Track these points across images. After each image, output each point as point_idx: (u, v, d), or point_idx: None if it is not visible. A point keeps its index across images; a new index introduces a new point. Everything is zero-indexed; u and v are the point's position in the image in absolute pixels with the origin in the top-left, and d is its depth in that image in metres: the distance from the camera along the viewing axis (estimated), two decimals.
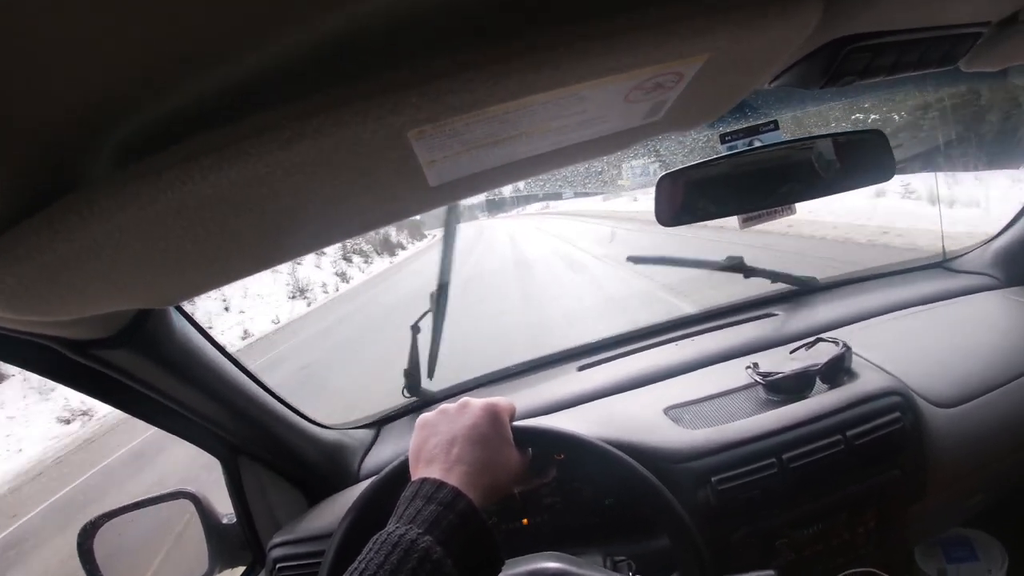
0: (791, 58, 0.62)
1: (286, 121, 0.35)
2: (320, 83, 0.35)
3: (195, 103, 0.35)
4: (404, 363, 1.36)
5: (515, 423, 0.71)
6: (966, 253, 1.48)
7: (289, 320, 17.48)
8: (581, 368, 1.34)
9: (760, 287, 1.50)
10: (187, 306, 0.87)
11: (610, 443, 0.76)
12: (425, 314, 1.36)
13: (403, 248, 41.07)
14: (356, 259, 30.86)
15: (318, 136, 0.35)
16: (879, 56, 0.66)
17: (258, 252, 0.55)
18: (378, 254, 35.08)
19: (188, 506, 1.07)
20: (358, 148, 0.38)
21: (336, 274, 26.49)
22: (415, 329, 1.35)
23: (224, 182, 0.36)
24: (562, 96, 0.41)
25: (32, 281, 0.39)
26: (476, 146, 0.44)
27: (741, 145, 0.88)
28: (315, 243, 0.58)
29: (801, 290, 1.50)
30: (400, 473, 0.74)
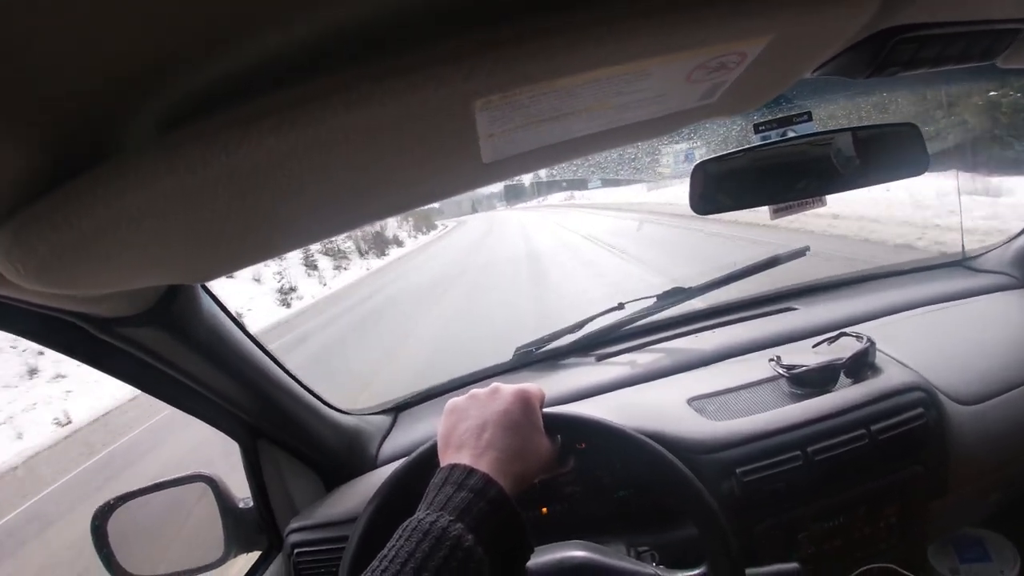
0: (839, 46, 0.62)
1: (357, 83, 0.34)
2: (391, 47, 0.35)
3: (254, 66, 0.34)
4: None
5: (546, 410, 0.70)
6: (986, 252, 1.47)
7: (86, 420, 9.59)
8: (600, 359, 1.33)
9: (776, 282, 1.50)
10: None
11: (635, 432, 0.75)
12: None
13: (400, 245, 34.63)
14: (325, 263, 22.58)
15: (385, 100, 0.34)
16: (924, 48, 0.66)
17: (303, 226, 0.54)
18: (361, 255, 27.53)
19: (204, 489, 1.06)
20: (422, 116, 0.38)
21: (280, 292, 17.06)
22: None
23: (282, 147, 0.35)
24: (631, 71, 0.40)
25: (66, 251, 0.38)
26: (536, 120, 0.44)
27: (775, 135, 0.88)
28: (361, 219, 0.58)
29: (820, 285, 1.50)
30: (428, 458, 0.73)
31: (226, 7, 0.29)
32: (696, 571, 0.69)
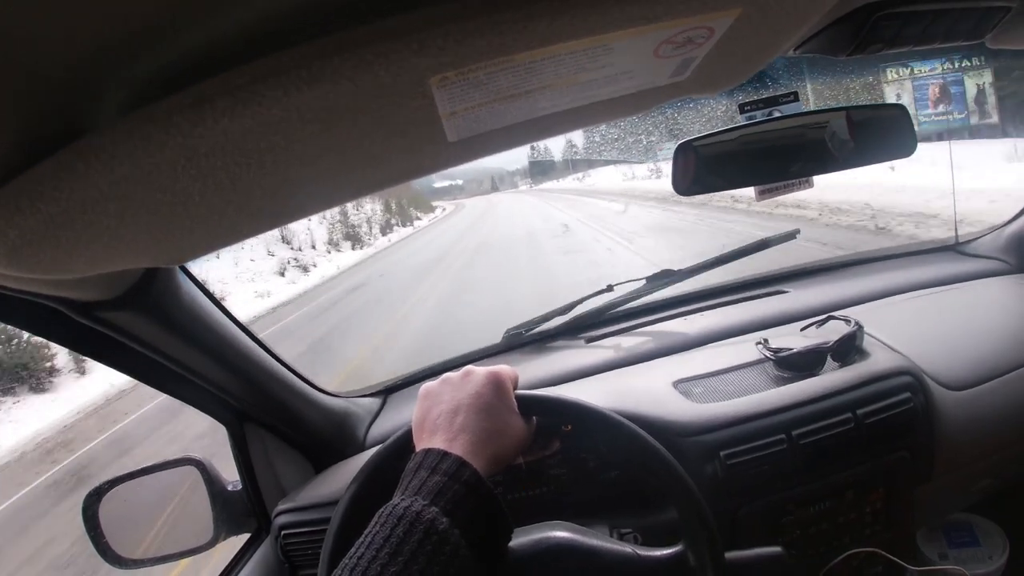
0: (819, 24, 0.61)
1: (305, 61, 0.33)
2: (342, 23, 0.34)
3: (209, 44, 0.34)
4: None
5: (518, 392, 0.71)
6: (979, 237, 1.46)
7: None
8: (589, 341, 1.33)
9: (768, 264, 1.50)
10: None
11: (618, 414, 0.75)
12: None
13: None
14: None
15: (337, 78, 0.34)
16: (908, 25, 0.65)
17: (268, 208, 0.54)
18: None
19: (194, 473, 1.07)
20: (378, 94, 0.37)
21: None
22: None
23: (237, 127, 0.35)
24: (590, 46, 0.39)
25: (35, 235, 0.38)
26: (498, 98, 0.43)
27: (760, 116, 0.87)
28: (327, 201, 0.58)
29: (812, 269, 1.49)
30: (405, 443, 0.73)
31: None
32: (673, 548, 0.69)
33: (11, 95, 0.32)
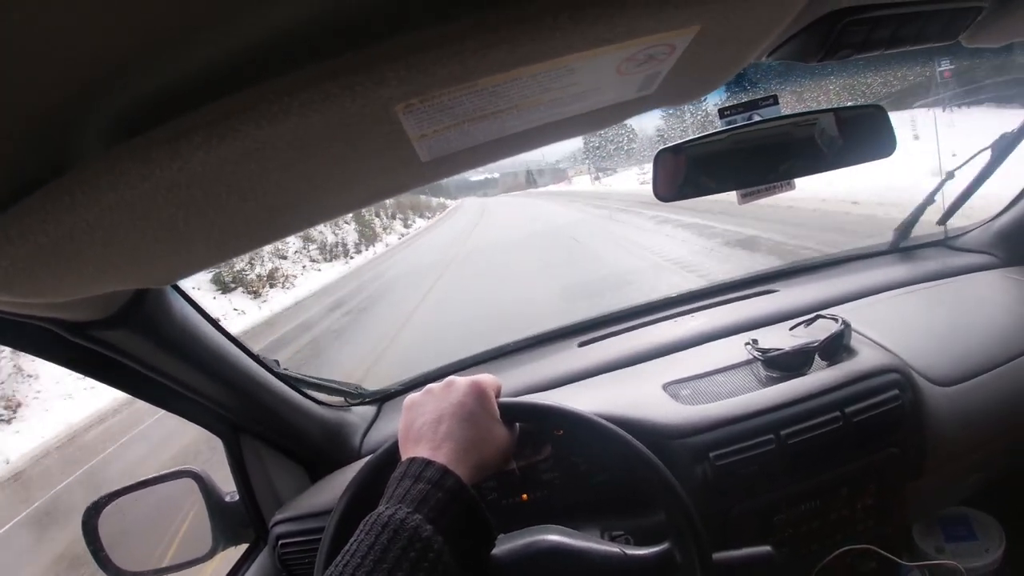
0: (788, 31, 0.62)
1: (273, 96, 0.34)
2: (307, 58, 0.35)
3: (183, 81, 0.35)
4: None
5: (501, 400, 0.72)
6: (968, 231, 1.47)
7: None
8: (581, 344, 1.34)
9: (760, 263, 1.50)
10: None
11: (608, 419, 0.75)
12: None
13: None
14: None
15: (305, 111, 0.35)
16: (877, 29, 0.65)
17: (252, 230, 0.55)
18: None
19: (192, 485, 1.08)
20: (346, 123, 0.38)
21: None
22: None
23: (213, 159, 0.36)
24: (552, 68, 0.40)
25: (26, 263, 0.39)
26: (466, 120, 0.44)
27: (740, 120, 0.87)
28: (310, 220, 0.58)
29: (801, 267, 1.50)
30: (394, 453, 0.74)
31: (157, 22, 0.30)
32: (659, 547, 0.70)
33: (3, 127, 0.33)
